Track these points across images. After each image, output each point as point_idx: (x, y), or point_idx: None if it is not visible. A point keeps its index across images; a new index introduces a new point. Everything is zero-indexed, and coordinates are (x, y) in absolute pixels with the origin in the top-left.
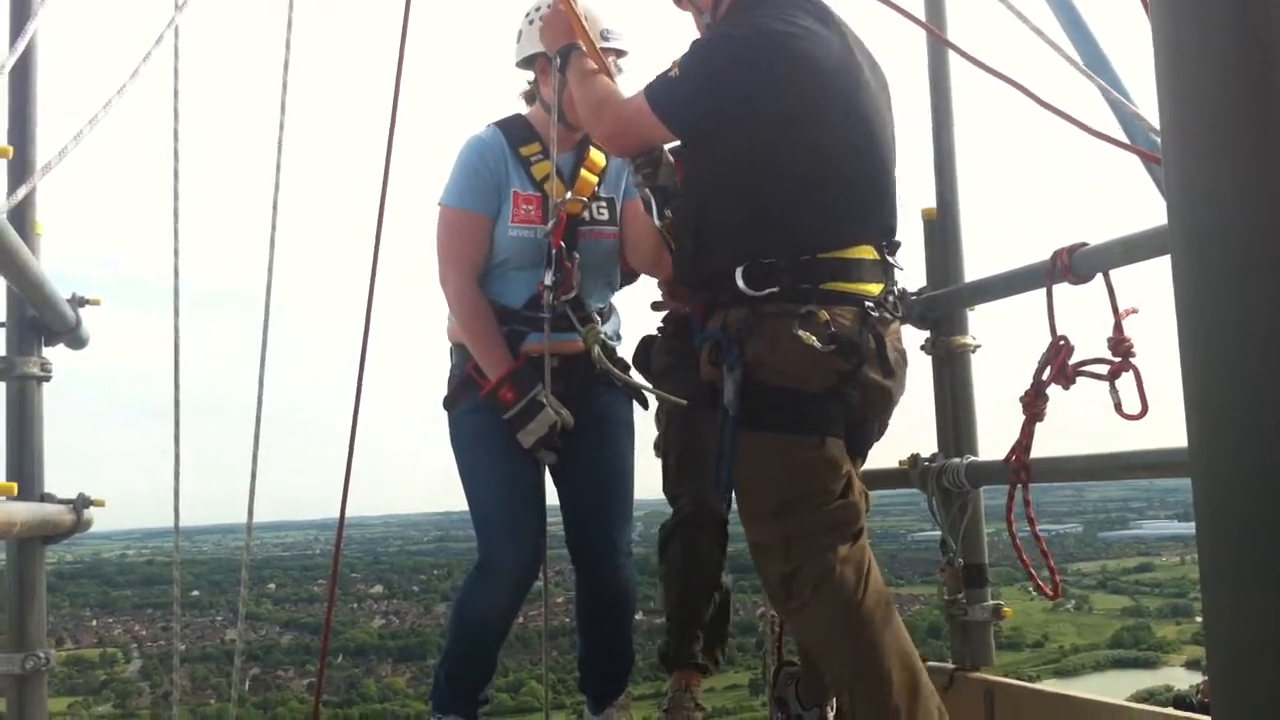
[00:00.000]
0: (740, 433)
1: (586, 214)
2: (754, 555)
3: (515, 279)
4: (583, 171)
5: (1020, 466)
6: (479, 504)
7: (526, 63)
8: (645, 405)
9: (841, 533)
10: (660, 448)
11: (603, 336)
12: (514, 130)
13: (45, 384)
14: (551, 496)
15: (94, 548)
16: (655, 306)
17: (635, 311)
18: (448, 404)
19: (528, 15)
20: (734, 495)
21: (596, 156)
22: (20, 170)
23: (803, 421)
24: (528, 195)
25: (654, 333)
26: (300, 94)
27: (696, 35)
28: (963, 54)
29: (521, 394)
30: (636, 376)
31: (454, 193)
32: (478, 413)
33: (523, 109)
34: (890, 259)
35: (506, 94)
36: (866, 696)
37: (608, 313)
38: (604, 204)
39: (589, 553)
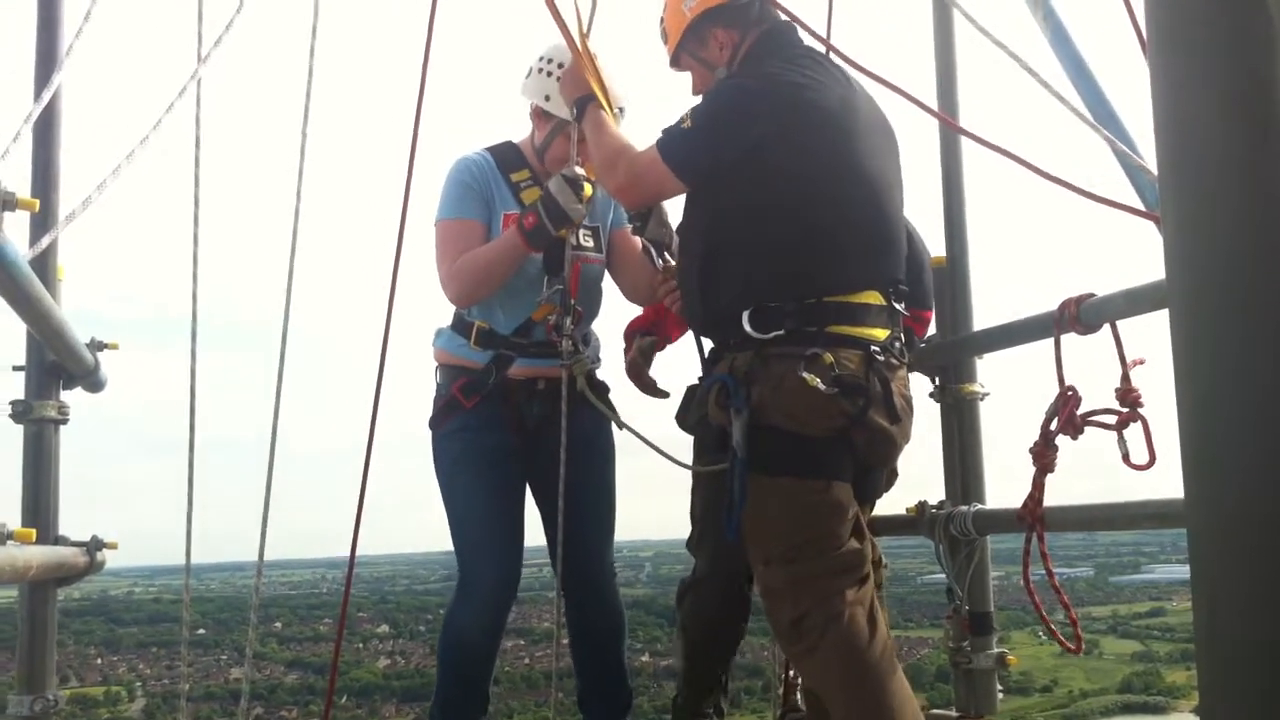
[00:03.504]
0: (748, 476)
1: (573, 239)
2: (763, 599)
3: (500, 301)
4: None
5: (1036, 519)
6: (458, 522)
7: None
8: (622, 427)
9: (849, 576)
10: (691, 508)
11: (589, 367)
12: (504, 156)
13: (62, 427)
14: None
15: (101, 585)
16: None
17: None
18: (433, 424)
19: (540, 58)
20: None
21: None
22: (44, 217)
23: (809, 465)
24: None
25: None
26: (315, 124)
27: (691, 93)
28: (974, 138)
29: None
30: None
31: (447, 206)
32: (461, 433)
33: (527, 128)
34: (897, 305)
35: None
36: None
37: (589, 337)
38: (589, 232)
39: (581, 574)
